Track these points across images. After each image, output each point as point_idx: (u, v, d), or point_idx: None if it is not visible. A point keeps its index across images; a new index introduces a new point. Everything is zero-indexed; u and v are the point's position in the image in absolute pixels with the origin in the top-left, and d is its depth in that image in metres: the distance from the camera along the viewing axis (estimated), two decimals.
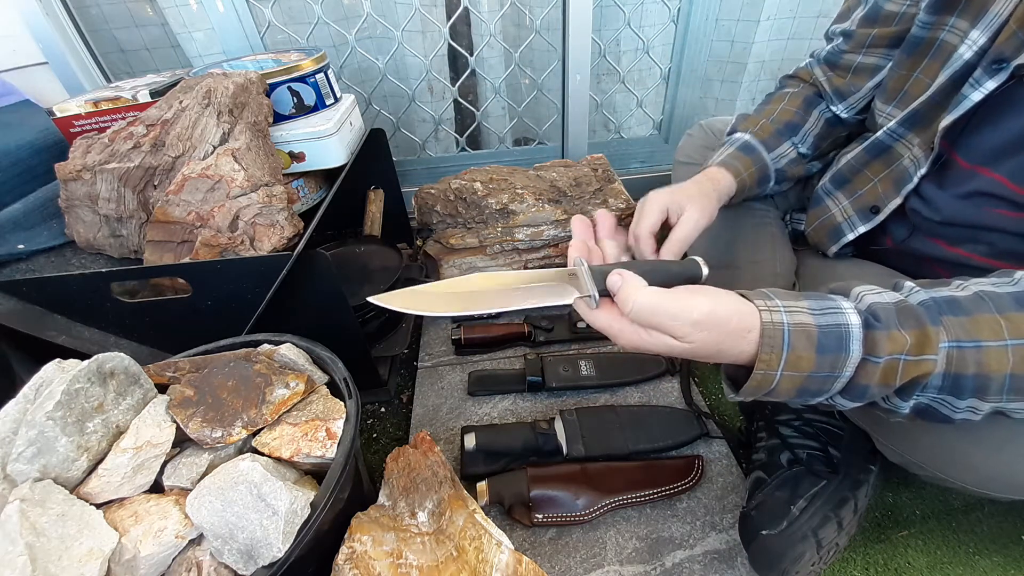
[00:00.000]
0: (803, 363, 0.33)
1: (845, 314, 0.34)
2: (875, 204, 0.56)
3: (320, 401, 0.51)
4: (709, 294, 0.35)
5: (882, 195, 0.56)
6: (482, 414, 0.76)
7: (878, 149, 0.56)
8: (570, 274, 0.40)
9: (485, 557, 0.51)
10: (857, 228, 0.59)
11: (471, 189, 0.93)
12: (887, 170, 0.55)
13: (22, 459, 0.40)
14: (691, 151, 0.85)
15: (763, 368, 0.34)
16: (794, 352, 0.33)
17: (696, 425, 0.70)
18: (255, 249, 0.59)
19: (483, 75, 1.20)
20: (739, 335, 0.34)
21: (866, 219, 0.58)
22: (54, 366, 0.45)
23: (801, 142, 0.66)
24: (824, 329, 0.33)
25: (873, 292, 0.36)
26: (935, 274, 0.54)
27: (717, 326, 0.34)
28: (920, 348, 0.33)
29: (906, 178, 0.52)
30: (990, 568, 0.58)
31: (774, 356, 0.33)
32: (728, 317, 0.34)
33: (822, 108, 0.66)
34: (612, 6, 1.13)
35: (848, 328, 0.33)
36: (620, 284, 0.36)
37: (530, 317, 0.92)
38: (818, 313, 0.34)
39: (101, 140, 0.64)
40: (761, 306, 0.34)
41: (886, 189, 0.55)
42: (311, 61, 0.74)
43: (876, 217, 0.56)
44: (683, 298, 0.35)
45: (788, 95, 0.68)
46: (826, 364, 0.33)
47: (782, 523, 0.53)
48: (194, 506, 0.41)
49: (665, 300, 0.35)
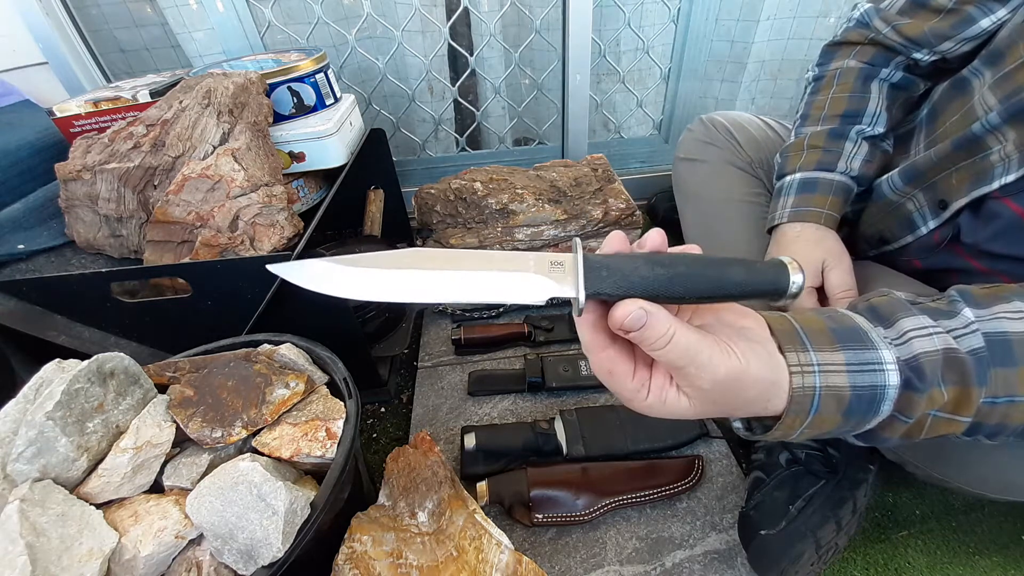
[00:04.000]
0: (826, 424, 0.30)
1: (885, 373, 0.29)
2: (944, 197, 0.49)
3: (320, 401, 0.51)
4: (740, 350, 0.28)
5: (955, 187, 0.48)
6: (482, 414, 0.76)
7: (967, 140, 0.47)
8: (554, 263, 0.29)
9: (485, 557, 0.51)
10: (929, 222, 0.52)
11: (471, 189, 0.93)
12: (968, 160, 0.47)
13: (22, 459, 0.40)
14: (692, 147, 0.84)
15: (783, 429, 0.30)
16: (819, 416, 0.30)
17: (696, 425, 0.69)
18: (255, 249, 0.59)
19: (483, 75, 1.20)
20: (758, 404, 0.30)
21: (936, 213, 0.51)
22: (54, 366, 0.45)
23: (871, 124, 0.58)
24: (857, 391, 0.29)
25: (922, 332, 0.30)
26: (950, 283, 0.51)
27: (733, 392, 0.28)
28: (956, 407, 0.30)
29: (986, 177, 0.45)
30: (990, 568, 0.58)
31: (798, 420, 0.30)
32: (749, 385, 0.29)
33: (886, 73, 0.59)
34: (612, 6, 1.12)
35: (884, 390, 0.29)
36: (644, 321, 0.27)
37: (530, 317, 0.92)
38: (855, 371, 0.29)
39: (101, 140, 0.64)
40: (793, 366, 0.29)
41: (961, 183, 0.47)
42: (311, 61, 0.74)
43: (944, 213, 0.50)
44: (715, 348, 0.28)
45: (838, 74, 0.61)
46: (849, 424, 0.30)
47: (781, 523, 0.53)
48: (194, 506, 0.41)
49: (701, 343, 0.28)
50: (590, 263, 0.27)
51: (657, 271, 0.27)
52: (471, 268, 0.29)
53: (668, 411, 0.30)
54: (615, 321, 0.27)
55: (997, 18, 0.49)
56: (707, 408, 0.30)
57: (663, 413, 0.31)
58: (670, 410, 0.30)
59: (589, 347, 0.30)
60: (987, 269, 0.49)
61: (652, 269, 0.27)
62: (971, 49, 0.52)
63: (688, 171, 0.83)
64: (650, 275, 0.27)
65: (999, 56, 0.47)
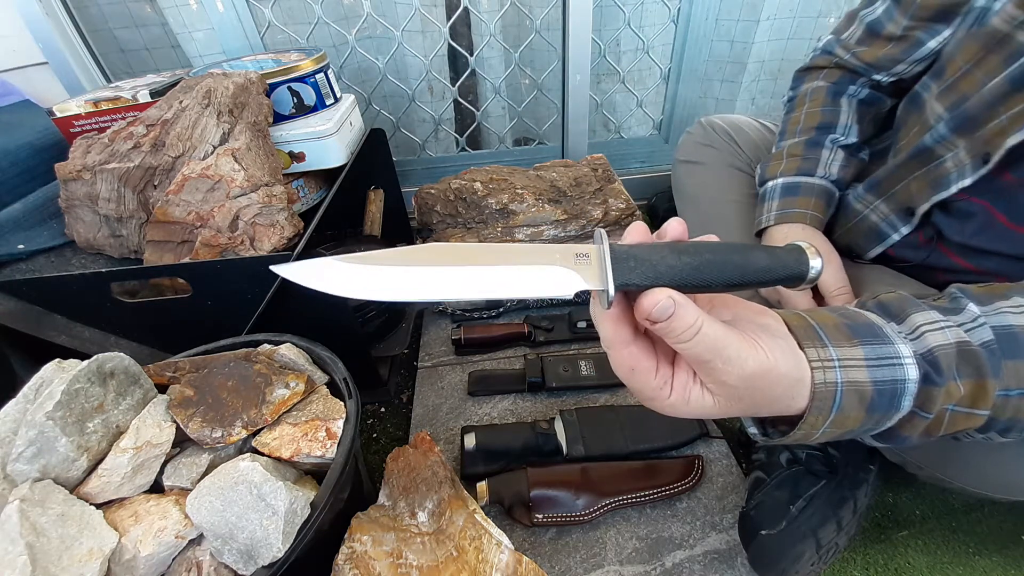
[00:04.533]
0: (849, 422, 0.30)
1: (904, 367, 0.29)
2: (909, 204, 0.52)
3: (320, 401, 0.51)
4: (767, 345, 0.28)
5: (915, 195, 0.51)
6: (482, 414, 0.76)
7: (919, 151, 0.51)
8: (579, 255, 0.27)
9: (485, 557, 0.51)
10: (900, 229, 0.54)
11: (471, 189, 0.93)
12: (923, 169, 0.50)
13: (22, 459, 0.40)
14: (691, 149, 0.84)
15: (806, 428, 0.30)
16: (842, 413, 0.29)
17: (696, 425, 0.69)
18: (255, 249, 0.59)
19: (483, 75, 1.20)
20: (783, 402, 0.29)
21: (905, 220, 0.53)
22: (54, 366, 0.45)
23: (844, 134, 0.62)
24: (879, 386, 0.29)
25: (934, 326, 0.31)
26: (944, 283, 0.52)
27: (761, 389, 0.28)
28: (973, 401, 0.30)
29: (944, 183, 0.47)
30: (990, 568, 0.58)
31: (821, 418, 0.29)
32: (777, 382, 0.28)
33: (852, 91, 0.62)
34: (612, 6, 1.13)
35: (904, 384, 0.29)
36: (672, 311, 0.26)
37: (530, 317, 0.92)
38: (874, 366, 0.29)
39: (101, 140, 0.64)
40: (814, 361, 0.29)
41: (920, 189, 0.50)
42: (311, 61, 0.74)
43: (913, 218, 0.52)
44: (743, 342, 0.27)
45: (809, 93, 0.65)
46: (872, 421, 0.30)
47: (781, 523, 0.53)
48: (194, 506, 0.41)
49: (729, 337, 0.27)
50: (617, 254, 0.26)
51: (684, 259, 0.26)
52: (493, 263, 0.27)
53: (692, 410, 0.30)
54: (643, 311, 0.26)
55: (943, 38, 0.52)
56: (731, 406, 0.29)
57: (686, 412, 0.30)
58: (694, 408, 0.30)
59: (611, 343, 0.29)
60: (978, 269, 0.49)
61: (679, 258, 0.26)
62: (924, 68, 0.56)
63: (687, 173, 0.84)
64: (677, 263, 0.26)
65: (942, 69, 0.50)
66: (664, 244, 0.28)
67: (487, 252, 0.28)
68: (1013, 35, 0.42)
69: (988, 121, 0.43)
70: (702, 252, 0.27)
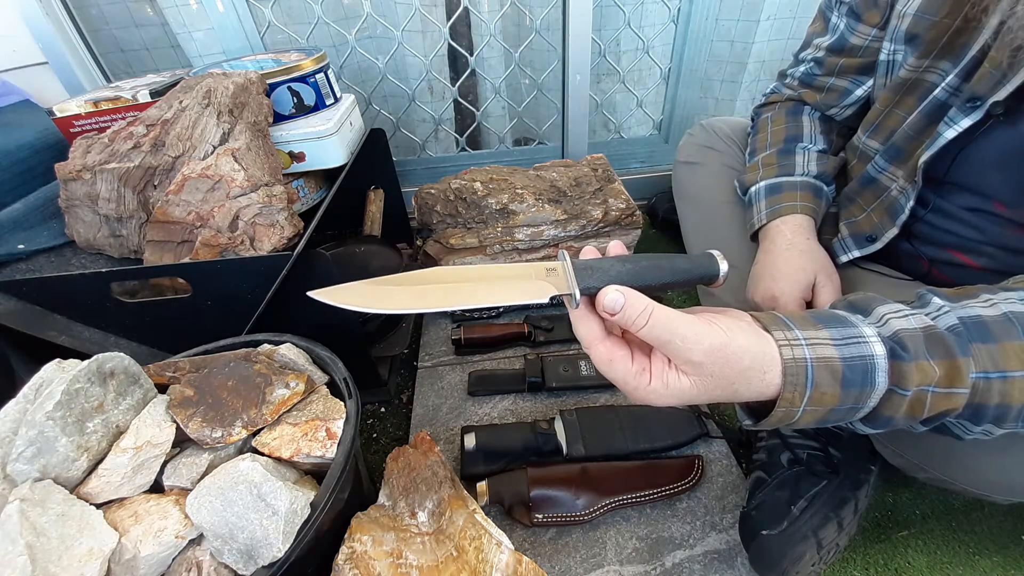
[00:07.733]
0: (827, 399, 0.32)
1: (869, 344, 0.32)
2: (871, 233, 0.56)
3: (320, 401, 0.51)
4: (724, 324, 0.32)
5: (878, 224, 0.56)
6: (482, 414, 0.76)
7: (867, 180, 0.57)
8: (548, 269, 0.35)
9: (485, 557, 0.51)
10: (851, 251, 0.58)
11: (471, 189, 0.92)
12: (877, 200, 0.56)
13: (22, 459, 0.40)
14: (692, 151, 0.85)
15: (785, 406, 0.32)
16: (818, 389, 0.31)
17: (696, 425, 0.69)
18: (255, 249, 0.59)
19: (483, 75, 1.20)
20: (754, 374, 0.32)
21: (861, 245, 0.57)
22: (54, 366, 0.45)
23: (812, 143, 0.65)
24: (848, 362, 0.31)
25: (898, 314, 0.34)
26: (934, 276, 0.54)
27: (727, 362, 0.31)
28: (950, 380, 0.32)
29: (898, 208, 0.52)
30: (990, 568, 0.58)
31: (797, 394, 0.31)
32: (740, 354, 0.31)
33: (809, 111, 0.67)
34: (612, 6, 1.12)
35: (873, 359, 0.31)
36: (623, 301, 0.31)
37: (530, 317, 0.92)
38: (841, 344, 0.32)
39: (101, 140, 0.64)
40: (781, 340, 0.32)
41: (881, 219, 0.55)
42: (311, 61, 0.74)
43: (871, 246, 0.56)
44: (697, 322, 0.31)
45: (771, 117, 0.69)
46: (850, 398, 0.32)
47: (782, 523, 0.53)
48: (194, 506, 0.41)
49: (681, 318, 0.31)
50: (577, 266, 0.34)
51: (628, 266, 0.34)
52: (487, 279, 0.35)
53: (672, 394, 0.33)
54: (601, 305, 0.32)
55: (868, 87, 0.60)
56: (707, 384, 0.32)
57: (669, 398, 0.33)
58: (673, 392, 0.33)
59: (588, 340, 0.34)
60: (981, 267, 0.50)
61: (624, 265, 0.34)
62: (856, 110, 0.63)
63: (688, 174, 0.84)
64: (623, 269, 0.34)
65: (870, 113, 0.57)
66: (612, 257, 0.36)
67: (480, 271, 0.35)
68: (922, 78, 0.49)
69: (915, 151, 0.49)
70: (639, 260, 0.35)
